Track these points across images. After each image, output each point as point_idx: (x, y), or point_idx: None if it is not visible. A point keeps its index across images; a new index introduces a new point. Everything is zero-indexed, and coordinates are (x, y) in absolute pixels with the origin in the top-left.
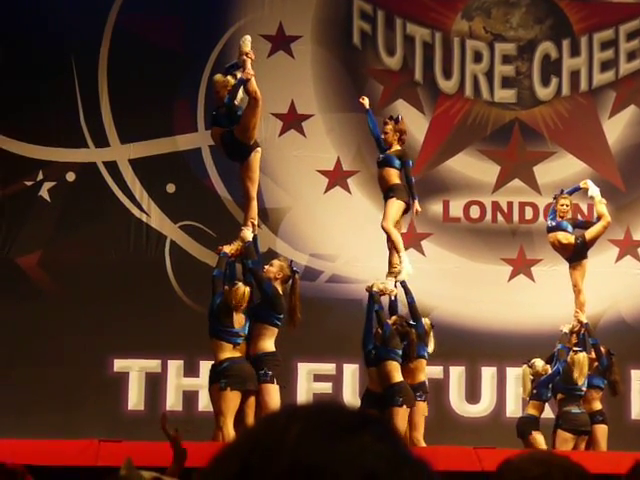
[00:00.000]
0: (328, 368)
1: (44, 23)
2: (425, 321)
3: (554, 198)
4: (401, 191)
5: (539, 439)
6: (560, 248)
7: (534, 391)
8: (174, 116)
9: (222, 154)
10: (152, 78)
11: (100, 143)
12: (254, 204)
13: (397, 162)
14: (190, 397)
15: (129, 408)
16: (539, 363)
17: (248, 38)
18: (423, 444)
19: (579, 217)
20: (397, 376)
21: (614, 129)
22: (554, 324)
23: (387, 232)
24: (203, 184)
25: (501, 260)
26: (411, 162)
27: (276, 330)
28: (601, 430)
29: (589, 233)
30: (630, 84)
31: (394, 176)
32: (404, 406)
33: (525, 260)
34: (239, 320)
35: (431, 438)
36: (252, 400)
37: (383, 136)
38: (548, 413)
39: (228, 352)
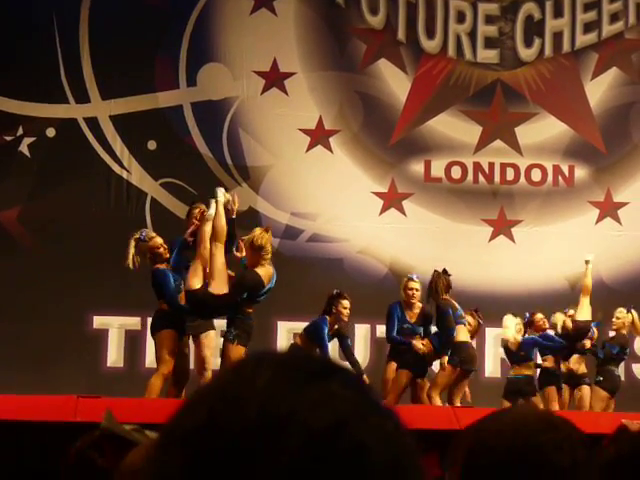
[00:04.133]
0: None
1: None
2: None
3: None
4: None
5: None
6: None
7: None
8: (155, 73)
9: None
10: (134, 34)
11: (81, 99)
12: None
13: None
14: None
15: (108, 365)
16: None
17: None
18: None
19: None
20: None
21: (596, 91)
22: (534, 284)
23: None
24: (184, 141)
25: (482, 221)
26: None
27: None
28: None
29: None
30: (612, 46)
31: None
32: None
33: (506, 221)
34: None
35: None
36: None
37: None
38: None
39: None
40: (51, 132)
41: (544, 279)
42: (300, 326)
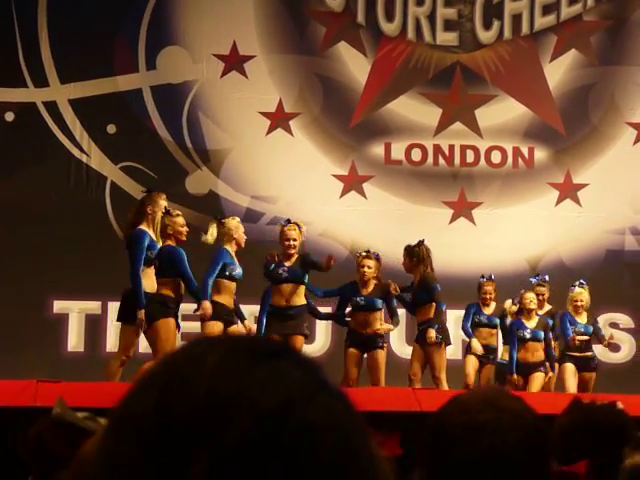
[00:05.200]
0: None
1: None
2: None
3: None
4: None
5: None
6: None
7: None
8: (115, 56)
9: None
10: (93, 17)
11: (39, 83)
12: None
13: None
14: None
15: (69, 349)
16: None
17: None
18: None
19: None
20: None
21: (555, 73)
22: (494, 266)
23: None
24: (144, 125)
25: (442, 203)
26: None
27: None
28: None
29: None
30: (571, 28)
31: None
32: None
33: (466, 203)
34: None
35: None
36: None
37: None
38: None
39: None
40: (10, 116)
41: (504, 261)
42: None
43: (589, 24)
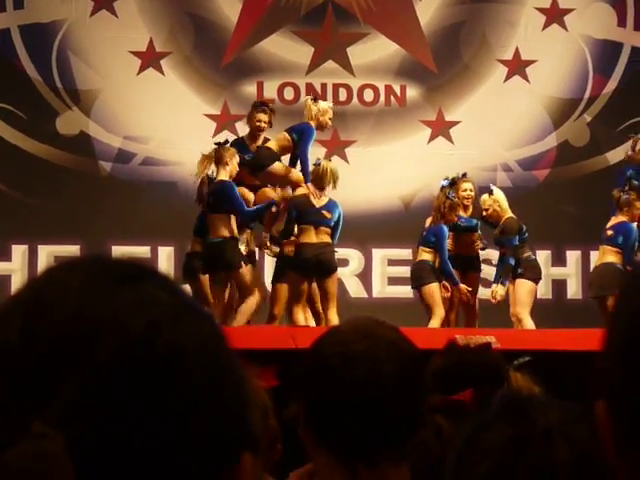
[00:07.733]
0: (143, 251)
1: None
2: None
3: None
4: None
5: None
6: None
7: None
8: None
9: None
10: None
11: None
12: None
13: None
14: (2, 282)
15: None
16: None
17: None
18: None
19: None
20: None
21: (426, 10)
22: (368, 204)
23: None
24: (12, 65)
25: (315, 141)
26: None
27: None
28: None
29: None
30: None
31: None
32: None
33: (339, 141)
34: None
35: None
36: None
37: None
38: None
39: None
40: None
41: (378, 199)
42: (135, 250)
43: None
